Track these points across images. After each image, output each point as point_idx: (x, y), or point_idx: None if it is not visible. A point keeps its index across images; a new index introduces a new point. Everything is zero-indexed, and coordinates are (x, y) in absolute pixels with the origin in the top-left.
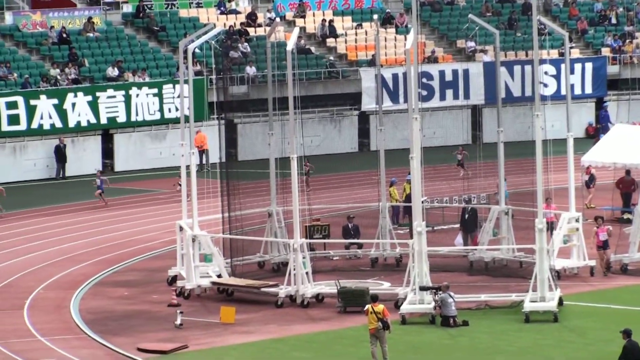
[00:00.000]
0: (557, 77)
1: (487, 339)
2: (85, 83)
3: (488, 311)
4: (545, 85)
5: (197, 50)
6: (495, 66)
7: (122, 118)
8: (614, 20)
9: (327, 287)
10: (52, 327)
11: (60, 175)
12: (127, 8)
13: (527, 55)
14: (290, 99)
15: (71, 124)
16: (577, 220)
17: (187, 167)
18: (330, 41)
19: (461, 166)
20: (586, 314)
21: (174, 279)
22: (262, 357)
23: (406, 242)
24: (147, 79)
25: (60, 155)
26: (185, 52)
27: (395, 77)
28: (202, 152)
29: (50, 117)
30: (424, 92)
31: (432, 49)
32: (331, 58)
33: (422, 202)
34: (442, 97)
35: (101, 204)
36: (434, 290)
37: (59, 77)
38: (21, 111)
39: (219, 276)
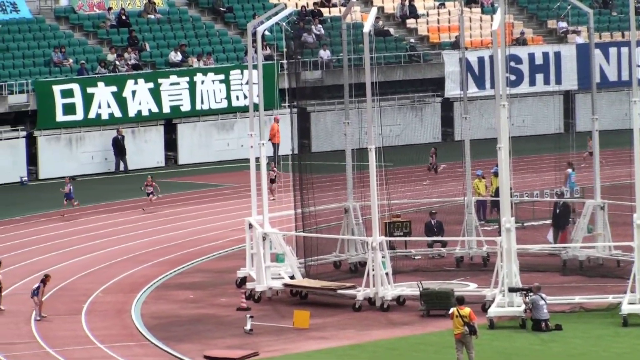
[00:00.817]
0: None
1: (582, 345)
2: (146, 69)
3: (583, 314)
4: None
5: (266, 32)
6: (589, 48)
7: (186, 107)
8: None
9: (409, 288)
10: (112, 334)
11: (121, 169)
12: None
13: (623, 36)
14: (367, 85)
15: (131, 113)
16: None
17: (257, 159)
18: (410, 22)
19: (434, 170)
20: None
21: (243, 281)
22: None
23: (494, 240)
24: (213, 64)
25: (118, 147)
26: (254, 34)
27: (481, 60)
28: (274, 144)
29: (109, 106)
30: (512, 77)
31: (520, 30)
32: (411, 40)
33: (511, 196)
34: (532, 82)
35: (65, 214)
36: (524, 292)
37: (117, 62)
38: (77, 100)
39: (292, 277)
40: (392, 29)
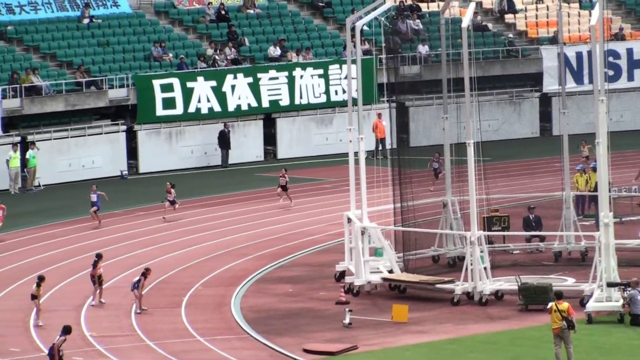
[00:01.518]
0: None
1: None
2: (245, 64)
3: None
4: None
5: (365, 27)
6: None
7: (285, 101)
8: None
9: (507, 283)
10: (212, 327)
11: (227, 163)
12: None
13: None
14: (465, 80)
15: (230, 107)
16: None
17: (356, 153)
18: (508, 17)
19: (436, 175)
20: None
21: (342, 275)
22: (436, 358)
23: (592, 235)
24: (312, 59)
25: (224, 141)
26: (353, 29)
27: (579, 55)
28: (379, 139)
29: (209, 101)
30: (611, 72)
31: (619, 26)
32: (510, 35)
33: (609, 191)
34: (630, 78)
35: (95, 222)
36: (623, 287)
37: (217, 57)
38: (177, 94)
39: (390, 271)
40: (490, 24)
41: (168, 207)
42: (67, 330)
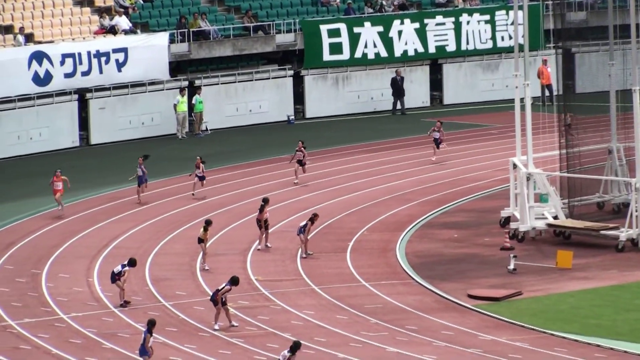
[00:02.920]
0: None
1: None
2: (412, 9)
3: None
4: None
5: None
6: None
7: (451, 47)
8: None
9: None
10: (377, 272)
11: (398, 109)
12: None
13: None
14: (632, 26)
15: (397, 53)
16: None
17: (522, 99)
18: None
19: (437, 145)
20: None
21: (506, 221)
22: (601, 304)
23: None
24: (479, 5)
25: (397, 88)
26: None
27: None
28: (544, 86)
29: (375, 46)
30: None
31: None
32: None
33: None
34: None
35: (136, 201)
36: None
37: (384, 2)
38: (344, 39)
39: (555, 218)
40: None
41: (197, 182)
42: (234, 281)
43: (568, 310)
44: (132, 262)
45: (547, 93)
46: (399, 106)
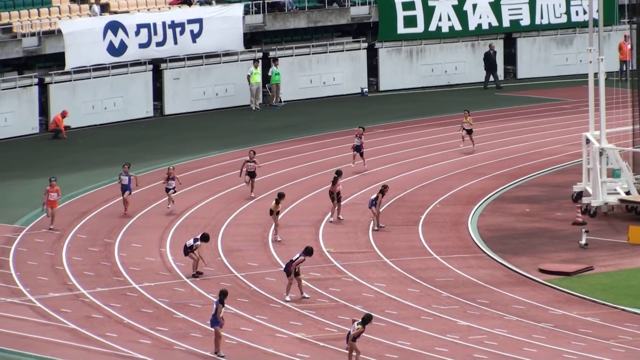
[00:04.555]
0: None
1: None
2: None
3: None
4: None
5: None
6: None
7: (525, 21)
8: None
9: None
10: (448, 245)
11: (492, 82)
12: None
13: None
14: None
15: (471, 27)
16: None
17: (595, 74)
18: None
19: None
20: None
21: (579, 196)
22: None
23: None
24: None
25: (489, 62)
26: None
27: None
28: (622, 62)
29: (449, 19)
30: None
31: None
32: None
33: None
34: None
35: (123, 212)
36: None
37: None
38: (418, 12)
39: (628, 193)
40: None
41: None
42: (308, 251)
43: (639, 286)
44: (204, 237)
45: (624, 68)
46: (491, 79)
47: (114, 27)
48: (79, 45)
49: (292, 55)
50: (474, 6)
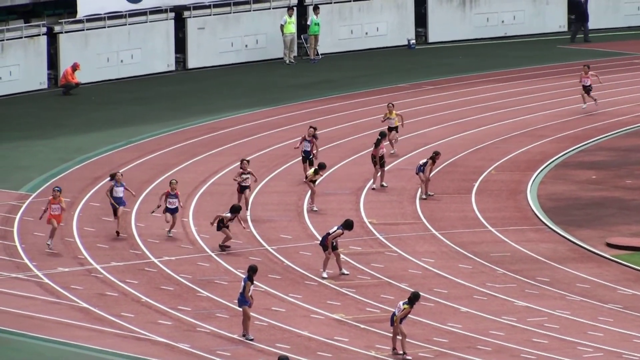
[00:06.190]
0: None
1: None
2: None
3: None
4: None
5: None
6: None
7: None
8: None
9: None
10: (505, 216)
11: (580, 35)
12: None
13: None
14: None
15: None
16: None
17: None
18: None
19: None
20: None
21: None
22: None
23: None
24: None
25: (580, 12)
26: None
27: None
28: None
29: None
30: None
31: None
32: None
33: None
34: None
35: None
36: None
37: None
38: None
39: None
40: None
41: (168, 216)
42: (347, 225)
43: None
44: (234, 209)
45: None
46: (579, 33)
47: None
48: None
49: (331, 3)
50: None
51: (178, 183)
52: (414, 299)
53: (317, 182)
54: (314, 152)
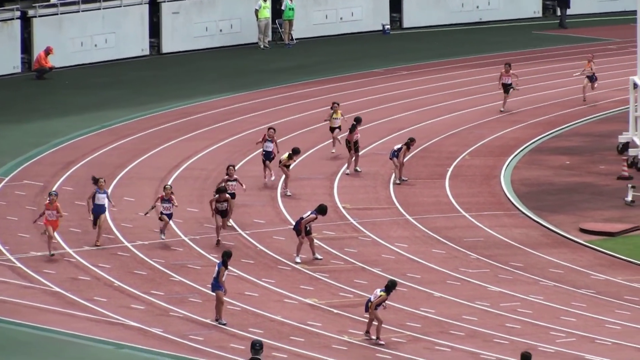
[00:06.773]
0: None
1: None
2: None
3: None
4: None
5: None
6: None
7: None
8: None
9: None
10: (479, 201)
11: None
12: None
13: None
14: None
15: None
16: None
17: None
18: None
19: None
20: None
21: (625, 147)
22: None
23: None
24: None
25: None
26: None
27: None
28: None
29: None
30: None
31: None
32: None
33: None
34: None
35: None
36: None
37: None
38: None
39: None
40: None
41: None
42: (321, 210)
43: None
44: (220, 190)
45: None
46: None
47: None
48: None
49: None
50: None
51: (173, 188)
52: (391, 286)
53: (290, 167)
54: (276, 153)
